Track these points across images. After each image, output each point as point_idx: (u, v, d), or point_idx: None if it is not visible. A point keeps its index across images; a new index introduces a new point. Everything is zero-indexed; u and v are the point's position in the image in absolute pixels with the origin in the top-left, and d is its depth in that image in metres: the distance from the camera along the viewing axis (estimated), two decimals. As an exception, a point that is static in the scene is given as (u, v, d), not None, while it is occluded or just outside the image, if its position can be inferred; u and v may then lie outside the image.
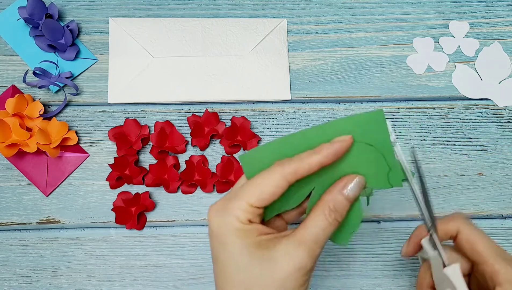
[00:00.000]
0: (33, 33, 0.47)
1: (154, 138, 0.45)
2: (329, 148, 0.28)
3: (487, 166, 0.48)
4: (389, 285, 0.45)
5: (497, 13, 0.51)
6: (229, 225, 0.28)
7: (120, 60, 0.48)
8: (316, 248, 0.28)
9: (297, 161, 0.28)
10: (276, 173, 0.28)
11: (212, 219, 0.28)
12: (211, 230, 0.29)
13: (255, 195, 0.28)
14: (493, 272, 0.30)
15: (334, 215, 0.28)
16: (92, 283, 0.44)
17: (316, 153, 0.28)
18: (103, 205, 0.46)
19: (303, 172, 0.28)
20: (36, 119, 0.45)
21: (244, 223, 0.28)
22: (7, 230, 0.45)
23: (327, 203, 0.28)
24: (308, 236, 0.28)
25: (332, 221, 0.28)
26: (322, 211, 0.28)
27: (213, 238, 0.29)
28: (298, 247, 0.27)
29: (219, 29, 0.49)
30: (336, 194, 0.29)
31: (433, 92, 0.49)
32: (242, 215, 0.27)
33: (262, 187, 0.28)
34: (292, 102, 0.49)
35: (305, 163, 0.28)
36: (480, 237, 0.31)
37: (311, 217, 0.28)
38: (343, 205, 0.29)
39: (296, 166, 0.28)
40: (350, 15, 0.51)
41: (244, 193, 0.28)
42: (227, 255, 0.28)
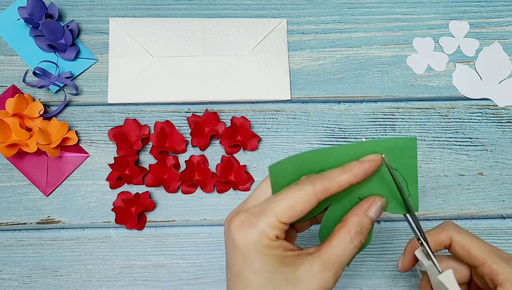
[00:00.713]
0: (33, 33, 0.47)
1: (154, 138, 0.45)
2: (360, 167, 0.28)
3: (487, 166, 0.48)
4: (389, 285, 0.45)
5: (497, 13, 0.51)
6: (257, 241, 0.27)
7: (120, 60, 0.48)
8: (339, 270, 0.28)
9: (328, 179, 0.28)
10: (307, 190, 0.27)
11: (236, 234, 0.28)
12: (234, 245, 0.28)
13: (285, 212, 0.27)
14: (492, 272, 0.30)
15: (360, 238, 0.28)
16: (92, 283, 0.44)
17: (346, 172, 0.28)
18: (103, 205, 0.46)
19: (333, 191, 0.28)
20: (36, 119, 0.45)
21: (271, 240, 0.27)
22: (7, 230, 0.45)
23: (354, 225, 0.28)
24: (334, 258, 0.27)
25: (357, 243, 0.28)
26: (348, 233, 0.28)
27: (236, 254, 0.28)
28: (325, 269, 0.27)
29: (219, 29, 0.49)
30: (362, 216, 0.28)
31: (433, 92, 0.49)
32: (270, 232, 0.27)
33: (292, 204, 0.27)
34: (292, 102, 0.49)
35: (336, 182, 0.27)
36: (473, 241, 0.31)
37: (336, 238, 0.28)
38: (367, 227, 0.29)
39: (327, 184, 0.27)
40: (350, 15, 0.51)
41: (273, 209, 0.27)
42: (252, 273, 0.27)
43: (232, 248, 0.28)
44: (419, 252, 0.32)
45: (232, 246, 0.28)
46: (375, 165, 0.28)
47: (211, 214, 0.46)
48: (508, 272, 0.30)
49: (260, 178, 0.47)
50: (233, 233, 0.28)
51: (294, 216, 0.27)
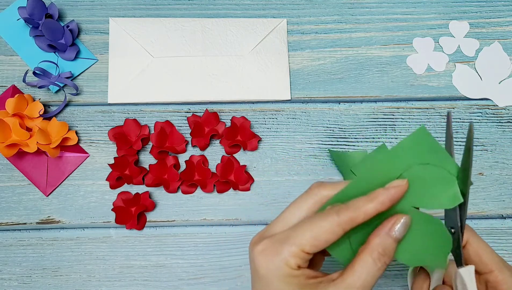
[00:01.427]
0: (33, 33, 0.47)
1: (154, 138, 0.45)
2: (386, 194, 0.27)
3: (487, 166, 0.48)
4: (389, 285, 0.45)
5: (497, 13, 0.51)
6: (278, 269, 0.27)
7: (120, 60, 0.48)
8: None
9: (353, 209, 0.27)
10: (332, 221, 0.27)
11: (259, 261, 0.28)
12: (256, 271, 0.28)
13: (309, 241, 0.27)
14: (497, 282, 0.30)
15: (384, 260, 0.27)
16: (92, 283, 0.44)
17: (372, 200, 0.27)
18: (103, 205, 0.46)
19: (359, 221, 0.27)
20: (36, 119, 0.45)
21: (293, 269, 0.27)
22: (7, 230, 0.45)
23: (376, 247, 0.27)
24: (357, 282, 0.27)
25: (381, 266, 0.27)
26: (370, 255, 0.27)
27: (257, 280, 0.28)
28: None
29: (219, 29, 0.49)
30: (384, 237, 0.28)
31: (433, 92, 0.49)
32: (292, 261, 0.27)
33: (316, 233, 0.27)
34: (292, 102, 0.49)
35: (362, 211, 0.27)
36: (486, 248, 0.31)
37: (358, 262, 0.27)
38: (391, 248, 0.28)
39: (352, 215, 0.27)
40: (350, 15, 0.51)
41: (296, 237, 0.27)
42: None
43: (254, 273, 0.28)
44: None
45: (254, 271, 0.28)
46: (401, 191, 0.28)
47: (211, 214, 0.46)
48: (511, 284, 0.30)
49: (260, 178, 0.47)
50: (256, 258, 0.28)
51: (318, 246, 0.27)
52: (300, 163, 0.47)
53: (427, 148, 0.28)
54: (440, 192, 0.29)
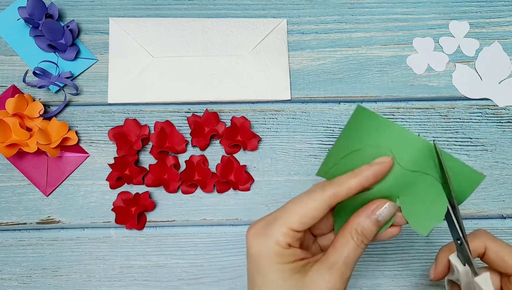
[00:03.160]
0: (33, 33, 0.47)
1: (154, 138, 0.45)
2: (369, 170, 0.28)
3: (487, 166, 0.48)
4: (389, 285, 0.45)
5: (497, 13, 0.51)
6: (268, 249, 0.28)
7: (120, 60, 0.48)
8: (346, 271, 0.28)
9: (337, 184, 0.28)
10: (317, 197, 0.28)
11: (251, 242, 0.29)
12: (249, 253, 0.29)
13: (296, 219, 0.28)
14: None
15: (362, 239, 0.28)
16: (92, 283, 0.44)
17: (356, 176, 0.28)
18: (103, 205, 0.46)
19: (343, 195, 0.28)
20: (36, 119, 0.45)
21: (283, 248, 0.28)
22: (7, 230, 0.45)
23: (355, 226, 0.28)
24: (339, 259, 0.28)
25: (359, 244, 0.28)
26: (350, 233, 0.28)
27: (250, 261, 0.29)
28: (330, 271, 0.27)
29: (219, 29, 0.49)
30: (363, 219, 0.29)
31: (433, 92, 0.49)
32: (282, 240, 0.28)
33: (303, 211, 0.28)
34: (292, 102, 0.49)
35: (345, 186, 0.28)
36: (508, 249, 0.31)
37: (339, 240, 0.29)
38: (371, 230, 0.29)
39: (336, 190, 0.28)
40: (350, 15, 0.51)
41: (285, 217, 0.28)
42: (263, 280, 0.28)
43: (248, 256, 0.29)
44: (454, 257, 0.32)
45: (248, 254, 0.29)
46: (386, 167, 0.28)
47: (211, 214, 0.46)
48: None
49: (260, 178, 0.47)
50: (248, 241, 0.29)
51: (306, 223, 0.28)
52: (300, 163, 0.47)
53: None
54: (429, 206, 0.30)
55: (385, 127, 0.28)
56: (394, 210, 0.29)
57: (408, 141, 0.28)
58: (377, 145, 0.29)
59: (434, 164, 0.29)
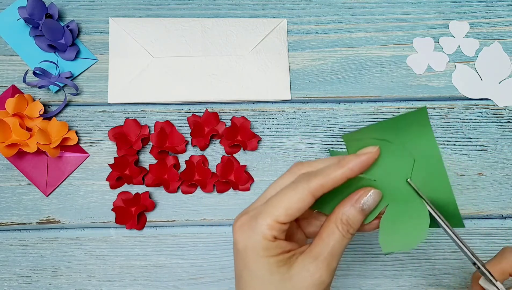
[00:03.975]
0: (33, 33, 0.47)
1: (154, 138, 0.45)
2: (355, 161, 0.28)
3: (487, 166, 0.48)
4: (389, 285, 0.45)
5: (497, 13, 0.51)
6: (254, 242, 0.28)
7: (120, 60, 0.48)
8: (332, 262, 0.28)
9: (322, 175, 0.28)
10: (301, 188, 0.28)
11: (237, 236, 0.28)
12: (236, 247, 0.29)
13: (282, 211, 0.27)
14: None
15: (347, 228, 0.28)
16: (92, 283, 0.44)
17: (342, 167, 0.28)
18: (103, 205, 0.46)
19: (329, 186, 0.28)
20: (36, 119, 0.45)
21: (269, 240, 0.27)
22: (7, 230, 0.45)
23: (340, 216, 0.28)
24: (324, 250, 0.28)
25: (345, 233, 0.28)
26: (335, 223, 0.28)
27: (237, 255, 0.29)
28: (316, 262, 0.27)
29: (219, 29, 0.49)
30: (348, 207, 0.28)
31: (433, 92, 0.49)
32: (268, 233, 0.27)
33: (288, 203, 0.28)
34: (292, 102, 0.49)
35: (331, 177, 0.28)
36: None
37: (324, 230, 0.28)
38: (356, 219, 0.28)
39: (321, 181, 0.28)
40: (350, 15, 0.51)
41: (270, 209, 0.28)
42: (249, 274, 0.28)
43: (234, 250, 0.29)
44: (483, 280, 0.32)
45: (235, 248, 0.29)
46: (372, 158, 0.28)
47: (211, 214, 0.46)
48: None
49: (260, 178, 0.47)
50: (234, 235, 0.29)
51: (291, 215, 0.28)
52: (300, 163, 0.47)
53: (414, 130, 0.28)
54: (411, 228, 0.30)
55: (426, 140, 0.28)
56: (378, 198, 0.29)
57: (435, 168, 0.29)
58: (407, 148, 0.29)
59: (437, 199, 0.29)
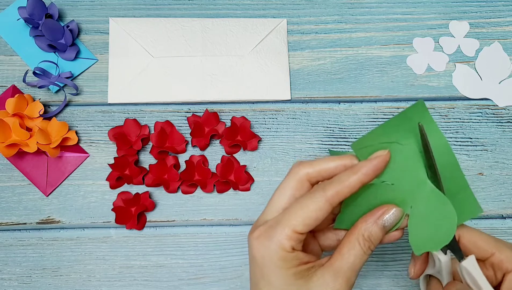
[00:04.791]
0: (33, 33, 0.47)
1: (154, 138, 0.45)
2: (368, 166, 0.28)
3: (487, 166, 0.48)
4: (389, 285, 0.45)
5: (497, 13, 0.51)
6: (273, 253, 0.28)
7: (120, 60, 0.48)
8: (352, 277, 0.28)
9: (338, 183, 0.28)
10: (319, 198, 0.28)
11: (255, 247, 0.28)
12: (253, 257, 0.29)
13: (300, 221, 0.27)
14: (501, 261, 0.30)
15: (368, 245, 0.28)
16: (92, 283, 0.44)
17: (355, 173, 0.28)
18: (103, 205, 0.46)
19: (345, 193, 0.28)
20: (36, 119, 0.45)
21: (287, 251, 0.28)
22: (7, 230, 0.45)
23: (362, 232, 0.28)
24: (344, 266, 0.28)
25: (366, 250, 0.28)
26: (357, 239, 0.28)
27: (254, 265, 0.29)
28: (336, 278, 0.27)
29: (219, 29, 0.49)
30: (370, 225, 0.28)
31: (433, 92, 0.49)
32: (286, 243, 0.27)
33: (306, 212, 0.28)
34: (292, 102, 0.49)
35: (346, 184, 0.28)
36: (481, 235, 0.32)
37: (345, 245, 0.28)
38: (378, 236, 0.29)
39: (337, 189, 0.28)
40: (350, 15, 0.51)
41: (288, 219, 0.28)
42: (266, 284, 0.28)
43: (251, 260, 0.29)
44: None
45: (251, 257, 0.29)
46: (384, 161, 0.28)
47: (211, 214, 0.46)
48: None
49: (260, 178, 0.47)
50: (252, 245, 0.28)
51: (309, 225, 0.28)
52: (300, 163, 0.47)
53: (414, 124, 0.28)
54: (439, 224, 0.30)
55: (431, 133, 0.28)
56: (401, 215, 0.29)
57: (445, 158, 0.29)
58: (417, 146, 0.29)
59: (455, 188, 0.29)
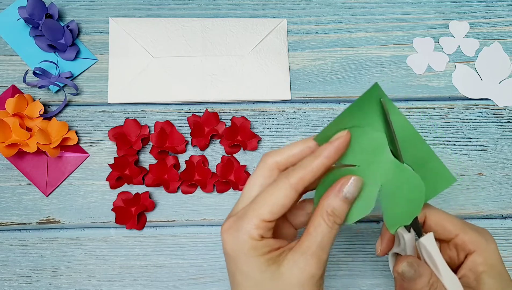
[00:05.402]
0: (33, 33, 0.47)
1: (154, 138, 0.45)
2: (329, 148, 0.28)
3: (487, 166, 0.48)
4: (389, 285, 0.45)
5: (497, 13, 0.51)
6: (242, 244, 0.28)
7: (120, 60, 0.48)
8: (322, 254, 0.28)
9: (301, 168, 0.28)
10: (283, 184, 0.28)
11: (225, 239, 0.29)
12: (225, 250, 0.29)
13: (266, 210, 0.28)
14: (465, 242, 0.31)
15: (333, 219, 0.28)
16: (92, 283, 0.44)
17: (317, 157, 0.28)
18: (103, 205, 0.46)
19: (309, 178, 0.28)
20: (36, 119, 0.45)
21: (257, 240, 0.28)
22: (7, 230, 0.45)
23: (325, 208, 0.28)
24: (313, 245, 0.28)
25: (332, 225, 0.28)
26: (321, 216, 0.28)
27: (227, 258, 0.29)
28: (306, 258, 0.27)
29: (219, 29, 0.49)
30: (332, 199, 0.28)
31: (433, 92, 0.49)
32: (254, 232, 0.28)
33: (272, 201, 0.28)
34: (292, 102, 0.49)
35: (309, 169, 0.28)
36: (446, 216, 0.32)
37: (312, 224, 0.28)
38: (341, 209, 0.28)
39: (300, 175, 0.28)
40: (350, 15, 0.51)
41: (254, 209, 0.28)
42: (241, 275, 0.28)
43: (224, 253, 0.29)
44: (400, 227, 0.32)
45: (224, 251, 0.29)
46: (344, 141, 0.28)
47: (211, 214, 0.46)
48: (480, 240, 0.31)
49: (260, 178, 0.47)
50: (223, 238, 0.29)
51: (276, 212, 0.28)
52: (300, 163, 0.47)
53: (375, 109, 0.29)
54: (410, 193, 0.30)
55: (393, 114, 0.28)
56: (360, 184, 0.29)
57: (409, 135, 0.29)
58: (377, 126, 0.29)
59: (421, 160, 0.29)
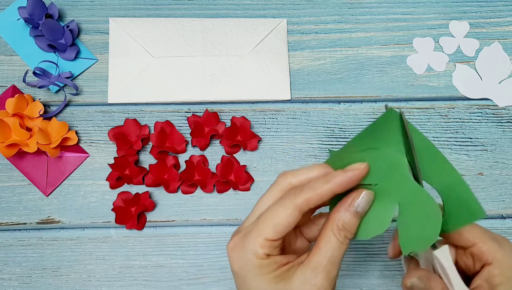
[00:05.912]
0: (33, 33, 0.47)
1: (154, 138, 0.45)
2: (342, 177, 0.28)
3: (487, 166, 0.48)
4: (389, 285, 0.45)
5: (497, 13, 0.51)
6: (249, 262, 0.28)
7: (120, 60, 0.48)
8: (332, 270, 0.28)
9: (310, 190, 0.28)
10: (289, 205, 0.28)
11: (231, 258, 0.29)
12: (233, 269, 0.29)
13: (270, 229, 0.27)
14: (483, 253, 0.30)
15: (344, 234, 0.28)
16: (92, 283, 0.44)
17: (328, 182, 0.28)
18: (103, 205, 0.46)
19: (315, 201, 0.28)
20: (36, 119, 0.45)
21: (262, 259, 0.27)
22: (7, 230, 0.45)
23: (336, 222, 0.28)
24: (323, 260, 0.27)
25: (343, 239, 0.28)
26: (332, 230, 0.28)
27: (236, 277, 0.29)
28: (316, 273, 0.27)
29: (219, 29, 0.49)
30: (343, 213, 0.28)
31: (433, 92, 0.49)
32: (260, 251, 0.27)
33: (276, 220, 0.28)
34: (292, 102, 0.49)
35: (316, 193, 0.28)
36: None
37: (322, 239, 0.28)
38: (352, 223, 0.28)
39: (307, 196, 0.28)
40: (350, 15, 0.51)
41: (259, 228, 0.28)
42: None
43: (232, 272, 0.29)
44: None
45: (231, 270, 0.29)
46: (360, 174, 0.28)
47: (211, 214, 0.46)
48: (498, 252, 0.30)
49: (260, 178, 0.47)
50: (229, 257, 0.29)
51: (281, 231, 0.28)
52: (300, 163, 0.47)
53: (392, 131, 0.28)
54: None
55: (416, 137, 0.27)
56: (372, 198, 0.29)
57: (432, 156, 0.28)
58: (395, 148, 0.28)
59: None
